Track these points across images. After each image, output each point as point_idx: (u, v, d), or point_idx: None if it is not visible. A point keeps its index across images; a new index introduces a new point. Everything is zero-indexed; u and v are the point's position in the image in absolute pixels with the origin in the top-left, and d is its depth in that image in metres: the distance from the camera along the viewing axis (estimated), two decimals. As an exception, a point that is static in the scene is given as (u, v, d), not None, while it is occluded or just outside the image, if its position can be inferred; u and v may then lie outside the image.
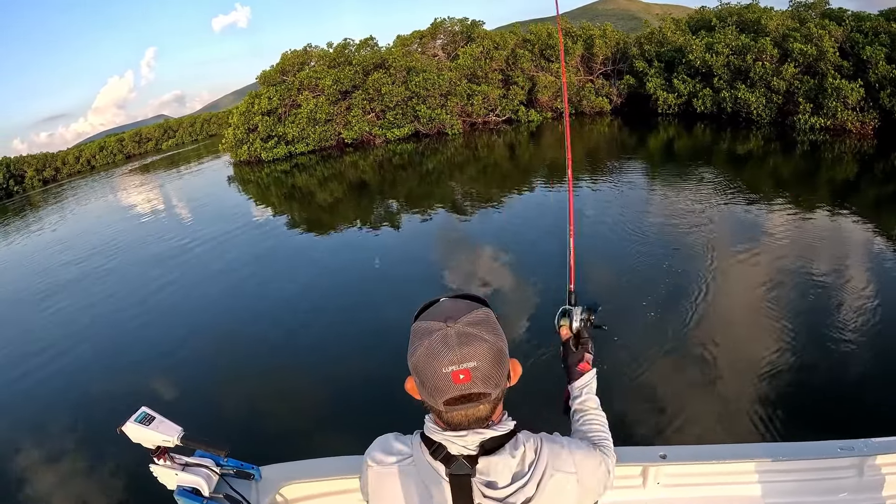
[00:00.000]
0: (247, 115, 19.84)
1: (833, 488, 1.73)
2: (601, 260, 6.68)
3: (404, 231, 9.64)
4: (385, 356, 4.84)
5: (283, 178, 16.71)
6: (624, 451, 1.68)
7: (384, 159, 16.59)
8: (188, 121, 49.52)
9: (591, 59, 18.93)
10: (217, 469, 1.53)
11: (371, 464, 0.87)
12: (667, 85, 16.40)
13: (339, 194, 13.65)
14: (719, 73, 15.08)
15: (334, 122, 18.72)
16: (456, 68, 18.01)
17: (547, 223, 8.32)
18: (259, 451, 3.62)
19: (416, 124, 18.13)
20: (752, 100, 14.10)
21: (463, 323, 0.76)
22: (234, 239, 10.58)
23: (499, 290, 6.26)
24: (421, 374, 0.77)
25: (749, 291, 5.36)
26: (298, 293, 7.21)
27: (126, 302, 8.10)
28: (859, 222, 7.29)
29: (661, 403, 3.88)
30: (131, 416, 1.38)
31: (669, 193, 9.61)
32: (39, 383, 5.98)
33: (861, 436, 1.70)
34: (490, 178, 13.04)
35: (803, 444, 1.73)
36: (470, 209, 10.40)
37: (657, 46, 17.51)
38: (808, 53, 13.55)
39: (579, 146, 14.89)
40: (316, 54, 20.23)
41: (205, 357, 5.81)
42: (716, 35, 15.89)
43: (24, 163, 38.91)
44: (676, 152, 13.38)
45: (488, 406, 0.78)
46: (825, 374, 3.98)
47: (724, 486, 1.74)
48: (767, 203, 8.35)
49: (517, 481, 0.79)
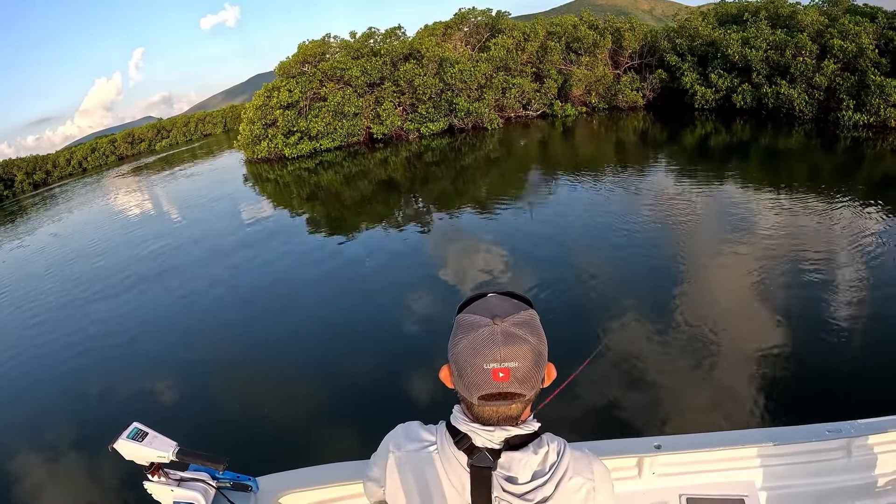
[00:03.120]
0: (264, 109, 18.83)
1: (823, 470, 1.80)
2: (617, 253, 6.84)
3: (442, 233, 9.17)
4: (383, 361, 4.87)
5: (307, 177, 16.05)
6: (619, 443, 1.79)
7: (420, 155, 16.06)
8: (182, 120, 48.24)
9: (619, 52, 18.77)
10: (214, 483, 1.49)
11: (393, 449, 0.89)
12: (702, 80, 16.39)
13: (371, 194, 13.08)
14: (758, 68, 15.14)
15: (362, 116, 17.96)
16: (488, 60, 17.50)
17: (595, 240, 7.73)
18: (256, 460, 3.57)
19: (450, 118, 17.56)
20: (794, 95, 14.21)
21: (509, 322, 0.77)
22: (236, 241, 10.28)
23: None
24: (460, 366, 0.78)
25: (782, 286, 5.41)
26: (296, 297, 7.06)
27: (112, 311, 7.82)
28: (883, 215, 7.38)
29: (655, 394, 3.96)
30: (123, 433, 1.34)
31: (730, 189, 9.59)
32: (21, 397, 5.77)
33: (848, 418, 1.77)
34: (543, 180, 12.73)
35: (792, 429, 1.80)
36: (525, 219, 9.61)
37: (688, 40, 17.46)
38: (848, 50, 13.73)
39: (614, 140, 14.74)
40: (336, 44, 19.35)
41: (196, 367, 5.64)
42: (750, 29, 15.94)
43: (13, 166, 37.61)
44: (723, 148, 13.37)
45: (520, 406, 0.80)
46: (812, 359, 4.11)
47: (717, 473, 1.81)
48: (819, 196, 8.45)
49: (537, 479, 0.80)
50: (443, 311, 5.66)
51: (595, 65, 18.09)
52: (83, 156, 42.04)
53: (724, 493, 1.77)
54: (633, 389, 4.03)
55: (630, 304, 5.33)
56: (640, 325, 4.94)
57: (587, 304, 5.57)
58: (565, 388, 1.00)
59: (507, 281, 6.43)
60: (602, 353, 4.07)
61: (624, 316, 5.11)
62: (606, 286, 5.95)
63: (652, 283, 5.80)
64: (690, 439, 1.80)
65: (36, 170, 38.30)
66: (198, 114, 48.93)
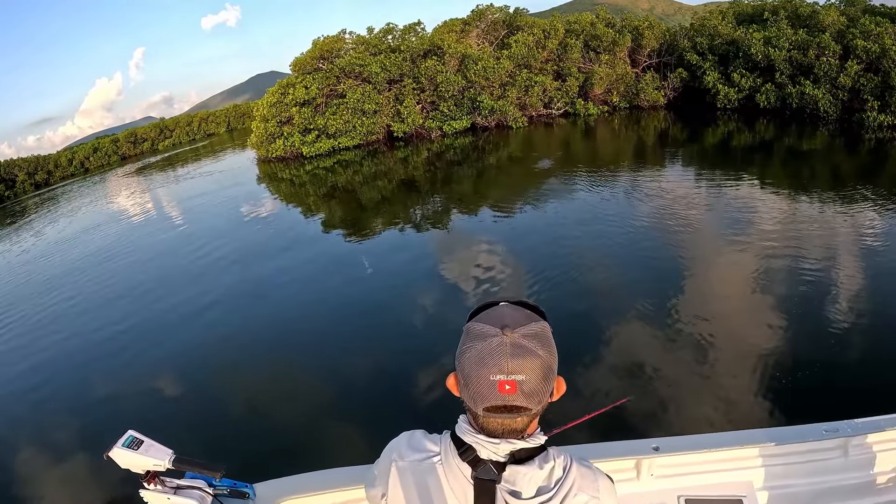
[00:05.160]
0: (278, 106, 18.51)
1: (820, 469, 1.81)
2: (631, 252, 6.86)
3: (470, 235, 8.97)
4: (384, 366, 4.85)
5: (326, 176, 15.78)
6: (617, 446, 1.79)
7: (440, 154, 15.90)
8: (185, 120, 47.60)
9: (637, 51, 18.75)
10: (210, 490, 1.48)
11: (395, 459, 0.87)
12: (724, 79, 16.41)
13: (391, 194, 12.86)
14: (781, 67, 15.19)
15: (382, 114, 17.74)
16: (510, 57, 17.36)
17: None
18: (253, 467, 3.56)
19: (473, 116, 17.40)
20: (819, 96, 14.28)
21: (519, 334, 0.76)
22: (241, 243, 10.14)
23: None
24: (466, 375, 0.77)
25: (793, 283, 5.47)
26: (296, 298, 7.01)
27: (107, 316, 7.70)
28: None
29: (655, 395, 3.99)
30: (118, 441, 1.33)
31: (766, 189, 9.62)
32: (14, 405, 5.70)
33: (844, 417, 1.78)
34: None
35: (789, 429, 1.81)
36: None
37: (708, 39, 17.47)
38: (871, 51, 13.82)
39: (642, 140, 14.71)
40: (352, 40, 19.07)
41: (191, 373, 5.57)
42: (771, 29, 15.99)
43: (14, 166, 36.94)
44: (752, 148, 13.41)
45: (526, 419, 0.79)
46: (811, 358, 4.16)
47: (715, 474, 1.82)
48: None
49: (542, 495, 0.79)
50: (455, 317, 5.56)
51: (615, 63, 18.05)
52: (85, 156, 41.43)
53: (722, 494, 1.78)
54: (633, 388, 4.04)
55: (634, 303, 5.33)
56: (640, 324, 4.95)
57: (597, 304, 5.60)
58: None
59: (529, 286, 6.31)
60: (633, 400, 3.88)
61: (626, 316, 5.12)
62: (611, 286, 5.95)
63: (663, 283, 5.77)
64: (688, 440, 1.82)
65: (37, 170, 37.74)
66: (201, 113, 48.39)
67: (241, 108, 48.57)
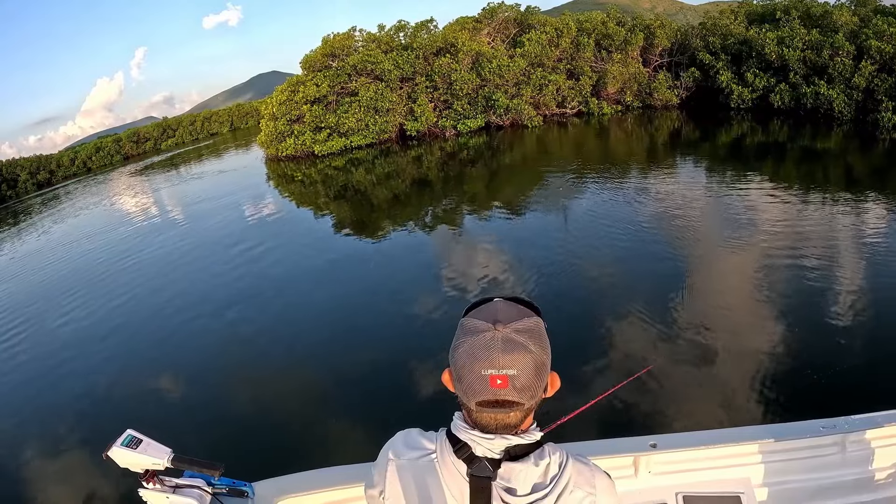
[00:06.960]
0: (288, 104, 18.35)
1: (818, 466, 1.82)
2: (637, 254, 6.89)
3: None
4: (382, 364, 4.85)
5: (339, 176, 15.63)
6: (615, 443, 1.79)
7: (454, 154, 15.82)
8: (188, 119, 47.34)
9: (649, 50, 18.72)
10: (209, 489, 1.49)
11: (392, 457, 0.88)
12: (737, 79, 16.43)
13: (404, 195, 12.75)
14: (795, 67, 15.23)
15: (395, 112, 17.62)
16: (523, 56, 17.29)
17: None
18: (252, 466, 3.54)
19: (488, 115, 17.32)
20: (834, 96, 14.33)
21: (511, 329, 0.76)
22: (240, 246, 10.02)
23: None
24: (459, 370, 0.78)
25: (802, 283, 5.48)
26: (296, 299, 7.00)
27: (103, 314, 7.71)
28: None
29: (653, 392, 4.00)
30: (117, 440, 1.34)
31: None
32: (12, 405, 5.69)
33: (842, 413, 1.79)
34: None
35: (787, 425, 1.82)
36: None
37: (721, 39, 17.48)
38: (885, 51, 13.88)
39: (656, 140, 14.71)
40: (362, 38, 18.93)
41: (190, 372, 5.57)
42: (784, 29, 16.02)
43: (16, 166, 36.72)
44: (770, 148, 13.44)
45: (519, 414, 0.79)
46: (809, 354, 4.20)
47: (713, 471, 1.82)
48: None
49: (537, 492, 0.79)
50: (455, 315, 5.51)
51: (628, 62, 18.02)
52: (87, 155, 41.20)
53: (720, 491, 1.78)
54: (632, 388, 4.02)
55: (637, 302, 5.35)
56: (642, 324, 4.96)
57: (600, 302, 5.64)
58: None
59: (537, 285, 6.30)
60: (642, 377, 3.92)
61: (627, 314, 5.14)
62: (614, 287, 5.98)
63: (663, 284, 5.79)
64: (686, 437, 1.82)
65: (39, 170, 37.52)
66: (204, 112, 48.21)
67: (244, 108, 48.42)
